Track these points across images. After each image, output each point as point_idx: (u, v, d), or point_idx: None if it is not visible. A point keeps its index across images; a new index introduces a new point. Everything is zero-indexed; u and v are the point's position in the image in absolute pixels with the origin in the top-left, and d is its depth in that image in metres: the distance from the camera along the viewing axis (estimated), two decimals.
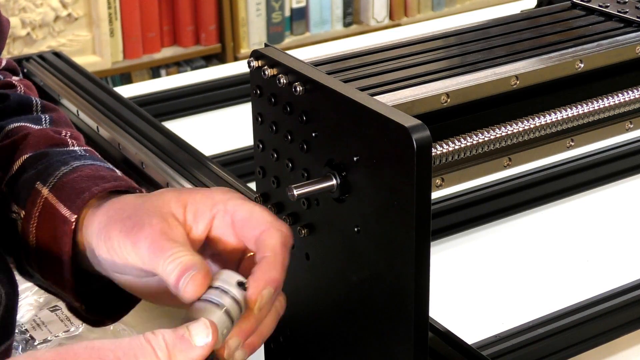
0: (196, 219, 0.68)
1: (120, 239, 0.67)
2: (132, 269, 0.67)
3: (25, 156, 0.78)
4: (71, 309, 0.76)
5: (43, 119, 0.83)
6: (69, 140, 0.81)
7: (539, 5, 1.40)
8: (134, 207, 0.69)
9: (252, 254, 0.68)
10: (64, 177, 0.74)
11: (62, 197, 0.73)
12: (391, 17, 3.20)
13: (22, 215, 0.74)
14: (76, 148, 0.80)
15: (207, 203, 0.68)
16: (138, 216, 0.67)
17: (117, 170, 0.77)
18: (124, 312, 0.77)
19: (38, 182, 0.74)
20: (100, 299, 0.75)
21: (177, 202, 0.68)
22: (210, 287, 0.63)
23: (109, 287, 0.74)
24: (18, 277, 0.79)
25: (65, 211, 0.72)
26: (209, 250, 0.70)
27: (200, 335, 0.59)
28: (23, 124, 0.82)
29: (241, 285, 0.63)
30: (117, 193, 0.73)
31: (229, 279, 0.63)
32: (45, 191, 0.74)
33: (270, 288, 0.64)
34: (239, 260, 0.69)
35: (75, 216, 0.71)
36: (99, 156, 0.80)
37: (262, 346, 0.81)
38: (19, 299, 1.01)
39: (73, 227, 0.71)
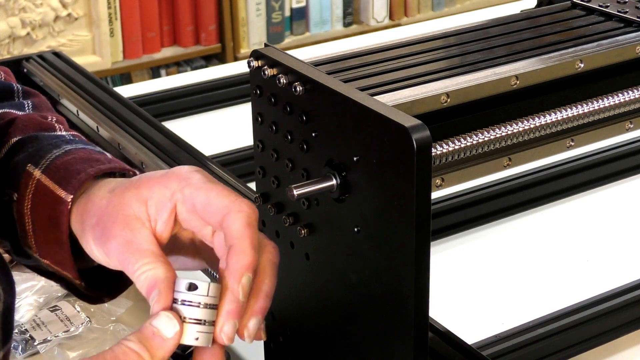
0: (159, 211, 0.68)
1: (96, 248, 0.69)
2: (114, 267, 0.70)
3: (15, 139, 0.78)
4: (69, 286, 0.77)
5: (26, 105, 0.84)
6: (55, 125, 0.81)
7: (539, 5, 1.40)
8: (99, 210, 0.70)
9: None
10: (57, 159, 0.74)
11: (56, 179, 0.73)
12: (391, 17, 3.20)
13: (14, 198, 0.75)
14: (64, 133, 0.81)
15: (166, 194, 0.68)
16: (103, 222, 0.69)
17: (108, 154, 0.77)
18: (122, 288, 0.78)
19: (29, 165, 0.75)
20: (98, 276, 0.76)
21: (138, 201, 0.69)
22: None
23: (104, 268, 0.75)
24: (16, 278, 0.79)
25: (60, 192, 0.72)
26: (183, 238, 0.71)
27: (167, 327, 0.63)
28: (7, 110, 0.82)
29: (191, 287, 0.64)
30: (110, 175, 0.74)
31: (178, 287, 0.64)
32: (37, 173, 0.74)
33: (248, 274, 0.64)
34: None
35: (72, 196, 0.72)
36: (86, 140, 0.80)
37: (262, 346, 0.81)
38: (19, 299, 1.02)
39: (69, 207, 0.72)
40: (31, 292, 1.03)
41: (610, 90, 0.79)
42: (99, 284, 0.76)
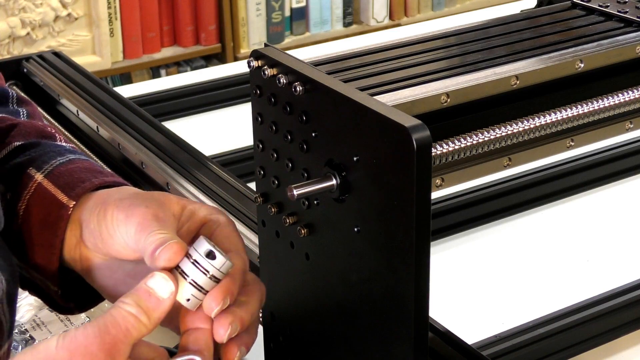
0: (190, 220, 0.70)
1: (115, 212, 0.69)
2: (115, 244, 0.69)
3: (17, 143, 0.79)
4: (40, 294, 0.77)
5: (21, 113, 0.84)
6: (56, 134, 0.82)
7: (539, 5, 1.40)
8: (134, 193, 0.71)
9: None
10: (61, 166, 0.75)
11: (59, 184, 0.73)
12: (391, 17, 3.20)
13: (7, 197, 0.75)
14: (64, 144, 0.81)
15: (203, 212, 0.71)
16: (136, 199, 0.69)
17: (107, 169, 0.78)
18: (94, 302, 0.78)
19: (31, 168, 0.75)
20: (73, 288, 0.76)
21: (178, 202, 0.71)
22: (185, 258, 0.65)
23: (81, 279, 0.76)
24: None
25: (62, 197, 0.73)
26: None
27: (163, 287, 0.64)
28: (3, 115, 0.82)
29: (210, 255, 0.65)
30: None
31: (199, 248, 0.65)
32: (39, 177, 0.74)
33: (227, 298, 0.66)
34: None
35: (74, 202, 0.72)
36: (85, 154, 0.81)
37: (262, 346, 0.81)
38: (19, 299, 1.02)
39: (70, 212, 0.72)
40: None
41: (610, 90, 0.79)
42: (73, 296, 0.77)
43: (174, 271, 0.65)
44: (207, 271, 0.64)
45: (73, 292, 0.77)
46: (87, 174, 0.74)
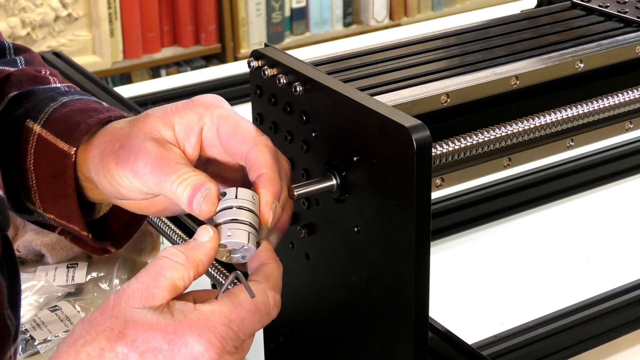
0: (187, 135, 0.69)
1: (120, 170, 0.68)
2: (138, 193, 0.69)
3: (11, 94, 0.78)
4: (74, 238, 0.77)
5: (18, 61, 0.84)
6: (50, 77, 0.81)
7: (539, 5, 1.40)
8: (123, 136, 0.70)
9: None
10: (55, 112, 0.74)
11: (56, 132, 0.73)
12: (391, 17, 3.20)
13: (16, 154, 0.74)
14: (59, 85, 0.81)
15: (194, 118, 0.69)
16: (130, 145, 0.68)
17: (104, 103, 0.78)
18: (127, 237, 0.78)
19: (29, 120, 0.75)
20: (102, 227, 0.77)
21: (165, 124, 0.69)
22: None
23: (110, 216, 0.76)
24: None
25: (63, 145, 0.72)
26: (205, 168, 0.71)
27: (203, 234, 0.64)
28: (0, 67, 0.82)
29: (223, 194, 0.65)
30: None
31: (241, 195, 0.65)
32: (37, 127, 0.74)
33: (277, 202, 0.66)
34: (239, 182, 0.70)
35: (75, 149, 0.72)
36: (81, 91, 0.80)
37: (262, 346, 0.81)
38: None
39: (73, 159, 0.72)
40: (31, 292, 1.03)
41: (610, 90, 0.79)
42: (104, 235, 0.77)
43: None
44: (231, 207, 0.64)
45: (104, 230, 0.77)
46: (82, 115, 0.74)
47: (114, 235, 0.77)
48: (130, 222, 0.77)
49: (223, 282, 0.79)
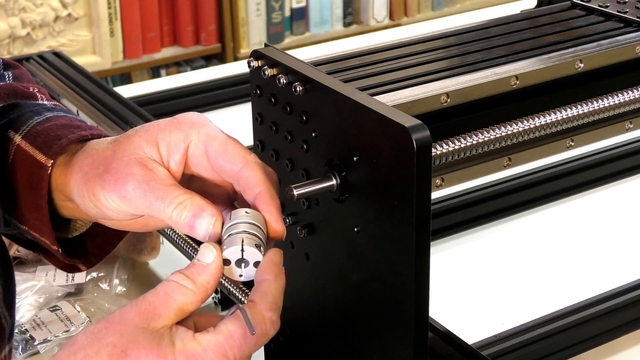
0: (171, 152, 0.68)
1: (106, 194, 0.68)
2: (125, 215, 0.69)
3: None
4: (46, 254, 0.77)
5: (7, 76, 0.83)
6: (37, 94, 0.81)
7: (539, 5, 1.40)
8: (106, 159, 0.69)
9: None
10: (38, 125, 0.74)
11: (36, 144, 0.73)
12: (391, 17, 3.20)
13: None
14: (45, 102, 0.80)
15: (179, 135, 0.69)
16: (115, 168, 0.68)
17: (87, 122, 0.77)
18: (99, 258, 0.78)
19: (10, 131, 0.74)
20: (75, 245, 0.77)
21: (148, 143, 0.69)
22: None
23: (85, 235, 0.76)
24: (16, 279, 0.79)
25: (40, 157, 0.72)
26: (187, 184, 0.71)
27: (206, 254, 0.64)
28: None
29: (247, 213, 0.65)
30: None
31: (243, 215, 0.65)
32: (17, 138, 0.74)
33: (282, 215, 0.67)
34: (224, 197, 0.71)
35: (52, 161, 0.71)
36: (68, 110, 0.80)
37: (262, 346, 0.81)
38: (19, 299, 1.02)
39: (49, 171, 0.71)
40: (31, 292, 1.03)
41: (610, 90, 0.79)
42: (77, 253, 0.77)
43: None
44: (254, 225, 0.65)
45: (77, 249, 0.76)
46: (64, 130, 0.73)
47: (86, 254, 0.77)
48: (105, 244, 0.77)
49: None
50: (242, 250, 0.64)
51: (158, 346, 0.61)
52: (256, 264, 0.64)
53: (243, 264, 0.64)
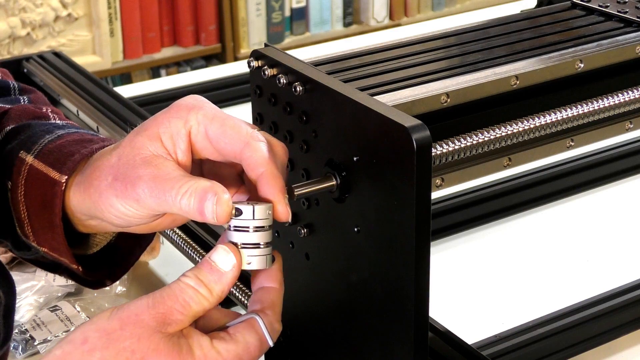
0: (176, 142, 0.67)
1: (122, 202, 0.67)
2: (147, 218, 0.68)
3: (8, 128, 0.77)
4: (70, 274, 0.76)
5: (22, 100, 0.83)
6: (50, 114, 0.81)
7: (539, 5, 1.40)
8: (112, 167, 0.68)
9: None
10: (50, 144, 0.73)
11: (49, 162, 0.72)
12: (391, 17, 3.20)
13: (9, 187, 0.73)
14: (58, 121, 0.80)
15: (178, 124, 0.67)
16: (122, 174, 0.67)
17: (100, 135, 0.77)
18: (123, 270, 0.77)
19: (22, 151, 0.74)
20: (96, 261, 0.76)
21: (150, 139, 0.67)
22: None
23: (105, 251, 0.75)
24: (16, 278, 0.79)
25: (54, 174, 0.71)
26: (200, 170, 0.70)
27: (225, 260, 0.63)
28: (1, 105, 0.81)
29: (237, 212, 0.64)
30: None
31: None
32: (29, 158, 0.73)
33: (286, 196, 0.65)
34: (235, 177, 0.70)
35: (66, 177, 0.70)
36: (80, 126, 0.80)
37: None
38: (19, 299, 1.02)
39: (63, 187, 0.70)
40: (31, 292, 1.03)
41: (610, 90, 0.79)
42: (98, 268, 0.76)
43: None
44: (248, 227, 0.63)
45: (99, 263, 0.76)
46: (77, 146, 0.72)
47: (110, 268, 0.76)
48: (128, 254, 0.77)
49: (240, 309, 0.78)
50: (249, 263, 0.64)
51: (179, 354, 0.61)
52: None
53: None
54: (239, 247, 0.64)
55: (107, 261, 0.76)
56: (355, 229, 0.67)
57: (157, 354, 0.60)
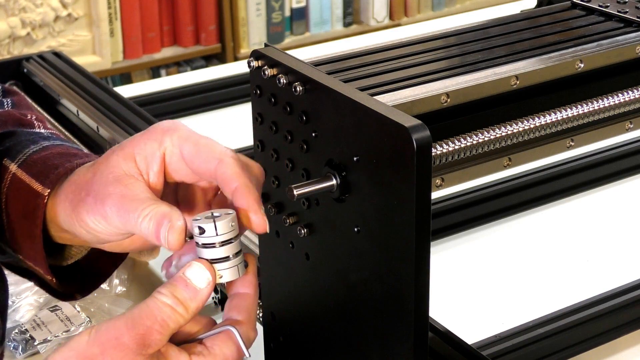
0: (149, 164, 0.68)
1: (92, 218, 0.68)
2: (115, 235, 0.69)
3: None
4: (41, 284, 0.77)
5: (5, 103, 0.84)
6: (35, 122, 0.81)
7: (539, 5, 1.40)
8: (87, 183, 0.69)
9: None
10: (34, 154, 0.74)
11: (32, 173, 0.73)
12: (391, 17, 3.20)
13: None
14: (42, 130, 0.80)
15: (153, 145, 0.68)
16: (95, 191, 0.68)
17: (84, 149, 0.77)
18: (95, 285, 0.78)
19: (6, 159, 0.74)
20: (70, 274, 0.76)
21: (125, 159, 0.68)
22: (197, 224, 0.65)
23: (79, 264, 0.76)
24: (16, 278, 0.79)
25: (37, 186, 0.72)
26: (175, 194, 0.71)
27: (199, 277, 0.64)
28: None
29: (202, 231, 0.64)
30: None
31: (194, 232, 0.65)
32: (13, 167, 0.74)
33: (261, 206, 0.67)
34: (208, 199, 0.71)
35: (49, 190, 0.71)
36: (64, 138, 0.80)
37: (262, 346, 0.81)
38: (19, 299, 1.02)
39: (46, 200, 0.71)
40: (31, 292, 1.03)
41: (610, 90, 0.79)
42: (72, 281, 0.76)
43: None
44: (214, 243, 0.64)
45: (72, 277, 0.76)
46: (60, 159, 0.73)
47: (81, 282, 0.77)
48: (100, 273, 0.77)
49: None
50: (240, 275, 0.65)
51: None
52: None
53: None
54: (210, 262, 0.64)
55: (79, 275, 0.77)
56: (355, 229, 0.67)
57: None
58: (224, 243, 0.65)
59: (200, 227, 0.64)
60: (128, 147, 0.69)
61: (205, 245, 0.65)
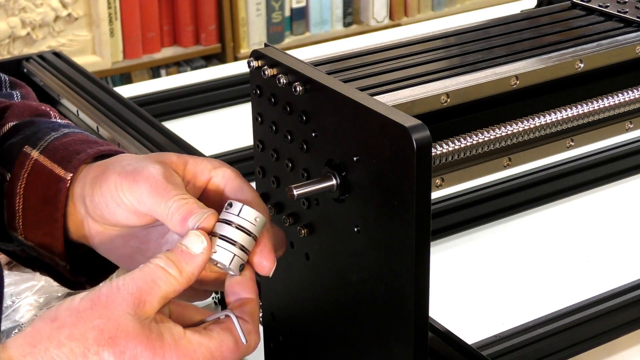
0: (195, 177, 0.70)
1: (118, 180, 0.68)
2: (123, 212, 0.69)
3: (11, 124, 0.79)
4: (51, 272, 0.77)
5: (15, 95, 0.84)
6: (50, 112, 0.82)
7: (539, 5, 1.40)
8: (133, 158, 0.71)
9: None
10: (55, 140, 0.75)
11: (55, 158, 0.73)
12: (391, 17, 3.20)
13: (7, 178, 0.75)
14: (59, 120, 0.81)
15: (207, 166, 0.70)
16: (138, 163, 0.69)
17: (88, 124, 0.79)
18: (105, 275, 0.78)
19: (27, 146, 0.75)
20: (82, 263, 0.77)
21: (179, 159, 0.71)
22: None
23: (91, 253, 0.76)
24: (16, 278, 0.79)
25: (59, 171, 0.73)
26: None
27: (195, 243, 0.64)
28: None
29: (228, 205, 0.66)
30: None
31: (231, 209, 0.66)
32: (35, 154, 0.74)
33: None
34: None
35: (71, 174, 0.72)
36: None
37: (262, 346, 0.81)
38: (19, 299, 1.02)
39: (68, 185, 0.72)
40: (31, 292, 1.03)
41: (610, 90, 0.79)
42: (83, 270, 0.77)
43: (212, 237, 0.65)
44: (231, 222, 0.65)
45: (82, 266, 0.77)
46: (83, 145, 0.74)
47: (90, 271, 0.77)
48: (110, 264, 0.77)
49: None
50: (229, 265, 0.65)
51: (147, 337, 0.61)
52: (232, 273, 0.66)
53: (223, 269, 0.66)
54: (217, 236, 0.65)
55: (89, 265, 0.77)
56: (355, 229, 0.67)
57: (126, 335, 0.61)
58: (239, 227, 0.65)
59: (230, 203, 0.66)
60: (185, 155, 0.71)
61: (223, 220, 0.65)
